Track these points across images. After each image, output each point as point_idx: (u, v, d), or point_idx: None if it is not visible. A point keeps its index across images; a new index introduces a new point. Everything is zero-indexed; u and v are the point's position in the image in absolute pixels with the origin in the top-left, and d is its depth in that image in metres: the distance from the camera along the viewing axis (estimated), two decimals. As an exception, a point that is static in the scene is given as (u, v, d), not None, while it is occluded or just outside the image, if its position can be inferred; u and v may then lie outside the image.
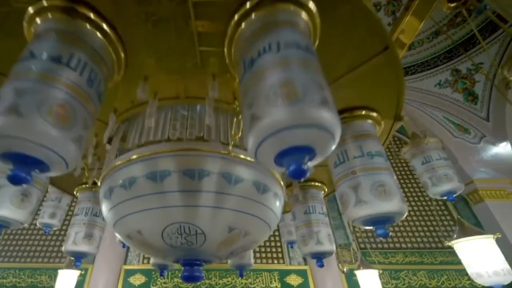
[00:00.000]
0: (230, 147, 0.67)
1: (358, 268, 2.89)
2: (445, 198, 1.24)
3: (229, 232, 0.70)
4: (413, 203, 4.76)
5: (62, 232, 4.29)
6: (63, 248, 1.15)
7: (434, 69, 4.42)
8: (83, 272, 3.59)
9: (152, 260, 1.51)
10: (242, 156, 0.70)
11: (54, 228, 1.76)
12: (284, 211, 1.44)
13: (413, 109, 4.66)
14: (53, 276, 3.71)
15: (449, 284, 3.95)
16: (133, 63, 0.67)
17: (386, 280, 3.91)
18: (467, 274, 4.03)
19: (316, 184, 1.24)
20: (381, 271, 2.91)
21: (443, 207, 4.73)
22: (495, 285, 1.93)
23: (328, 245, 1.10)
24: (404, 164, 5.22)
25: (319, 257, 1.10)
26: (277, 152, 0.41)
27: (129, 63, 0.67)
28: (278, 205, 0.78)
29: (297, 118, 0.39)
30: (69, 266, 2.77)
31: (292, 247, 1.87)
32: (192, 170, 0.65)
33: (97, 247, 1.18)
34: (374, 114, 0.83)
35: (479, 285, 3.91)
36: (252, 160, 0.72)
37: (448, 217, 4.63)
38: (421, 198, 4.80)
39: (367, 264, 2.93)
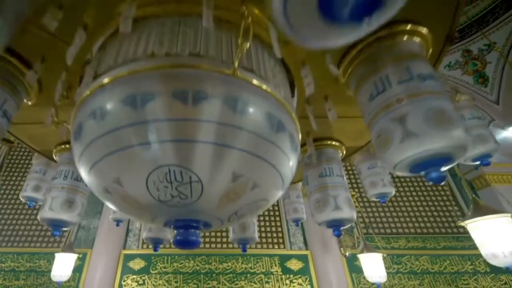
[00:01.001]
0: (236, 64, 0.49)
1: (362, 252, 2.80)
2: (478, 162, 1.08)
3: (233, 180, 0.53)
4: (417, 187, 4.67)
5: (59, 216, 4.20)
6: (38, 216, 1.00)
7: (444, 49, 4.25)
8: (80, 256, 3.52)
9: (145, 234, 1.38)
10: (254, 82, 0.53)
11: (39, 203, 1.63)
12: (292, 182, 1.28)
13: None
14: (51, 261, 3.63)
15: (451, 269, 3.93)
16: None
17: (388, 265, 3.87)
18: (469, 259, 4.00)
19: (333, 143, 1.06)
20: (384, 255, 2.83)
21: (448, 192, 4.63)
22: (511, 266, 1.81)
23: (348, 211, 0.93)
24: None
25: (337, 226, 0.94)
26: None
27: None
28: (294, 154, 0.61)
29: None
30: (66, 250, 2.67)
31: (298, 225, 1.74)
32: (184, 91, 0.48)
33: (79, 215, 1.02)
34: (423, 30, 0.62)
35: (482, 269, 3.90)
36: (265, 87, 0.55)
37: (453, 202, 4.55)
38: (425, 183, 4.70)
39: (370, 248, 2.84)
